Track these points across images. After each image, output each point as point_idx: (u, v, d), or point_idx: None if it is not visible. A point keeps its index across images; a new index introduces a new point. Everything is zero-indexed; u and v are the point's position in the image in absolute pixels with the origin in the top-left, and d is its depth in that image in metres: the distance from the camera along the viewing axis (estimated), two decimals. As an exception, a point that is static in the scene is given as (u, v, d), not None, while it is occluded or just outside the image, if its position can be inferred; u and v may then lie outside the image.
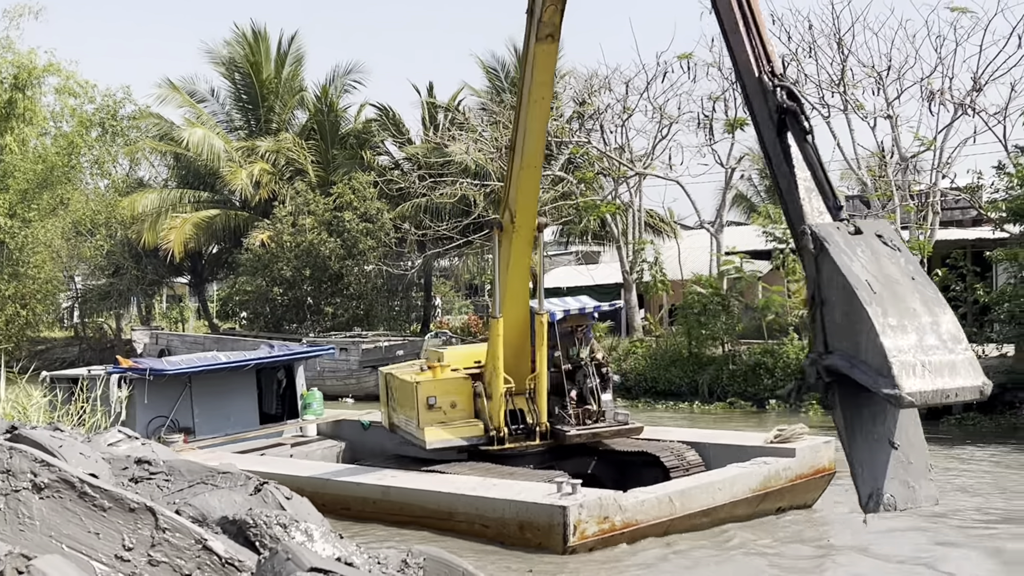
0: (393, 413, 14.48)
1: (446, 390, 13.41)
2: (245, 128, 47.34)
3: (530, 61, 12.06)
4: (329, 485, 13.35)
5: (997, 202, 26.57)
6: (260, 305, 41.75)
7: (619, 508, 11.38)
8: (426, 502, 12.40)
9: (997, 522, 13.28)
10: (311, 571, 4.19)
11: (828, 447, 13.67)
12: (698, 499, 12.17)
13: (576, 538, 10.96)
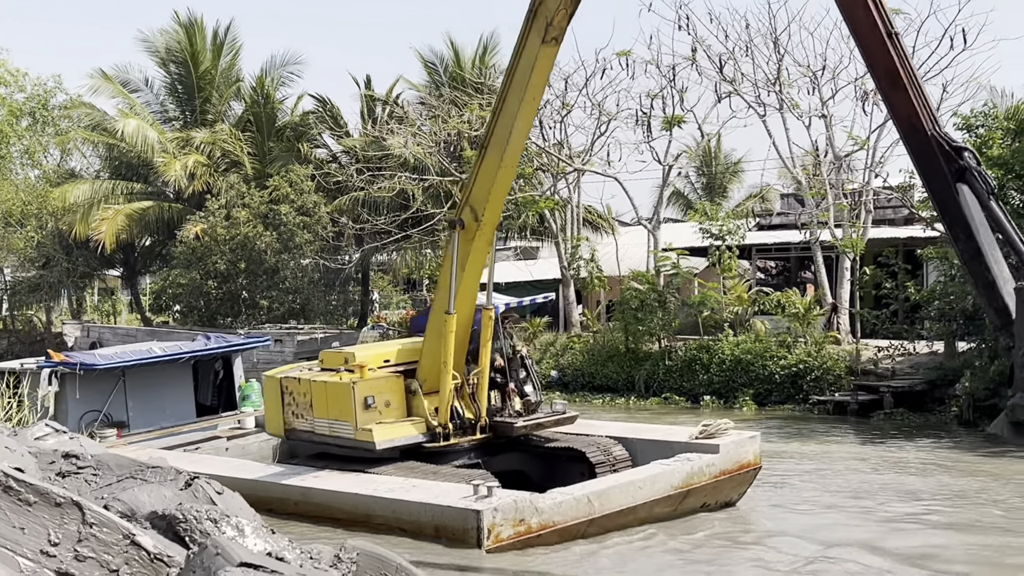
0: (298, 419, 13.88)
1: (380, 389, 13.27)
2: (180, 119, 46.71)
3: (529, 62, 11.96)
4: (251, 485, 13.20)
5: (928, 201, 26.99)
6: (194, 298, 41.24)
7: (535, 510, 11.33)
8: (344, 504, 12.33)
9: (922, 515, 13.51)
10: (241, 566, 4.13)
11: (753, 442, 13.67)
12: (617, 499, 12.13)
13: (491, 542, 10.93)
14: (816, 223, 32.34)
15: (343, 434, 13.21)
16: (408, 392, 13.41)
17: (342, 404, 13.20)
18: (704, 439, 13.41)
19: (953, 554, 11.24)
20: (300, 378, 13.98)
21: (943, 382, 25.57)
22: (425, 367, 13.50)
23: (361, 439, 13.01)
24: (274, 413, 14.47)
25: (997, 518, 13.13)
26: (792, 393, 27.62)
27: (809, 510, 13.50)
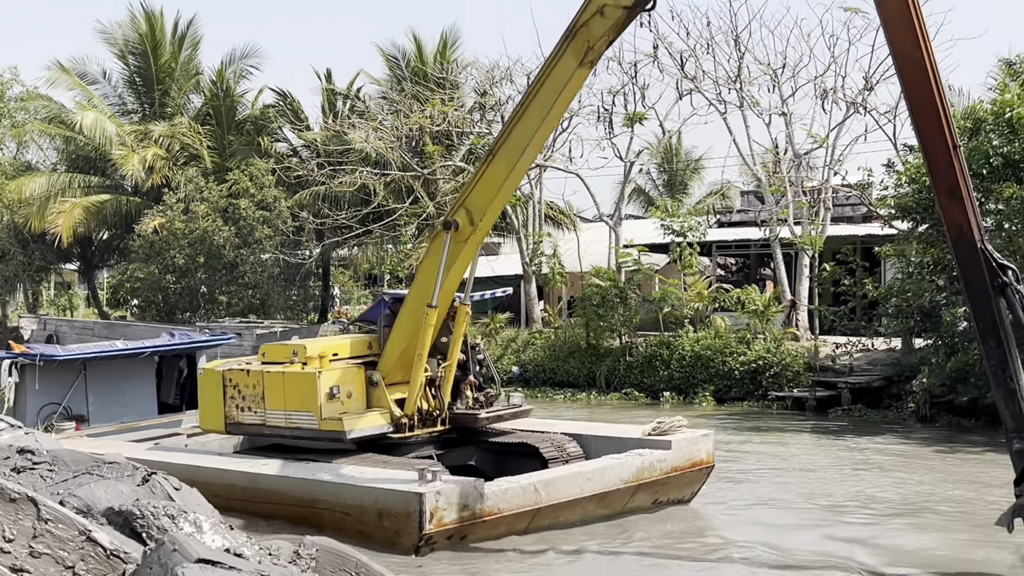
0: (244, 412, 13.67)
1: (343, 379, 13.22)
2: (139, 112, 46.25)
3: (561, 82, 11.91)
4: (199, 473, 13.11)
5: (886, 199, 27.30)
6: (152, 293, 40.88)
7: (480, 496, 11.31)
8: (291, 489, 12.27)
9: (877, 512, 13.64)
10: (198, 562, 4.10)
11: (707, 440, 13.67)
12: (565, 489, 12.09)
13: (433, 525, 10.89)
14: (776, 220, 32.57)
15: (304, 425, 13.10)
16: (369, 384, 13.36)
17: (304, 394, 13.09)
18: (657, 436, 13.41)
19: (910, 549, 11.36)
20: (249, 370, 13.82)
21: (900, 378, 25.84)
22: (389, 360, 13.46)
23: (327, 429, 12.93)
24: (212, 407, 14.15)
25: (950, 513, 13.29)
26: (751, 389, 27.81)
27: (765, 507, 13.58)
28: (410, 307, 13.32)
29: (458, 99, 37.14)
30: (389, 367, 13.45)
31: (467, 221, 12.63)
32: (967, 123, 23.96)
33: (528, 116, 12.26)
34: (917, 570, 10.36)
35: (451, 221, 12.71)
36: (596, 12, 11.37)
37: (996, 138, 22.49)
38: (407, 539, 11.05)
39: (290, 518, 12.07)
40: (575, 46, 11.68)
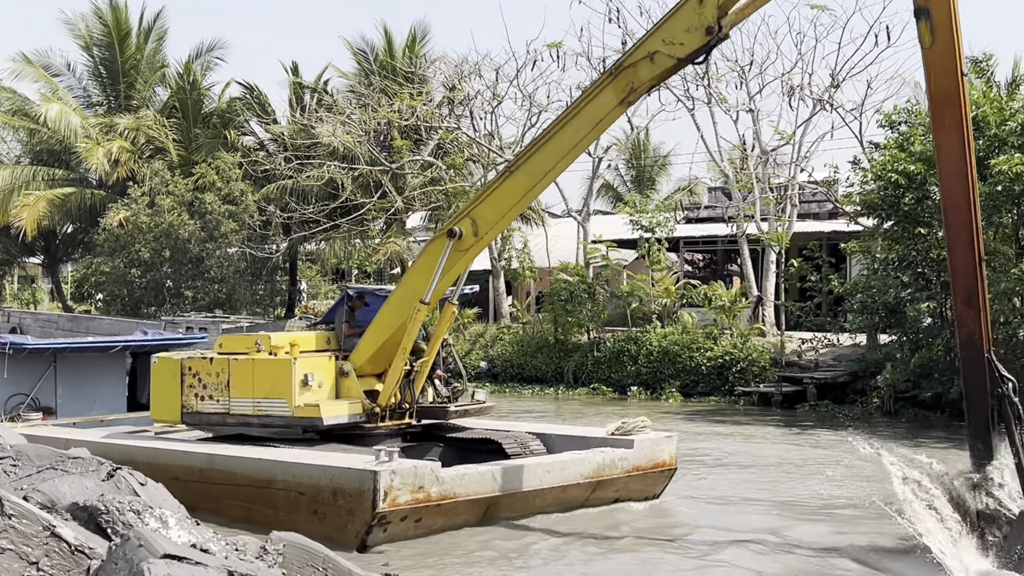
0: (204, 400, 13.59)
1: (316, 368, 13.21)
2: (104, 104, 45.83)
3: (597, 116, 11.98)
4: (158, 455, 13.08)
5: (852, 196, 27.51)
6: (117, 287, 40.55)
7: (436, 479, 11.32)
8: (248, 470, 12.27)
9: (840, 506, 13.72)
10: (164, 558, 4.06)
11: (669, 442, 13.70)
12: (523, 479, 12.12)
13: (387, 504, 10.88)
14: (742, 216, 32.74)
15: (275, 412, 13.05)
16: (339, 374, 13.35)
17: (277, 381, 13.04)
18: (620, 435, 13.45)
19: (868, 543, 11.44)
20: (212, 357, 13.75)
21: (865, 374, 26.05)
22: (363, 352, 13.45)
23: (301, 416, 12.90)
24: (167, 396, 13.99)
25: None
26: (718, 384, 27.94)
27: (728, 503, 13.62)
28: (395, 304, 13.30)
29: (427, 94, 37.06)
30: (362, 360, 13.44)
31: (471, 232, 12.60)
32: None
33: (556, 141, 12.30)
34: (870, 570, 10.44)
35: (455, 229, 12.62)
36: (646, 56, 11.45)
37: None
38: (360, 518, 11.02)
39: (245, 499, 12.06)
40: (618, 84, 11.72)
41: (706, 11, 10.99)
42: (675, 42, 11.27)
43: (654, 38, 11.54)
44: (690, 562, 10.71)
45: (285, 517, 11.53)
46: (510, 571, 10.41)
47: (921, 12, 10.28)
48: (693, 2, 11.11)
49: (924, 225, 23.19)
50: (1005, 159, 21.11)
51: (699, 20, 11.06)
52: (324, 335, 13.95)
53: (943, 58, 10.37)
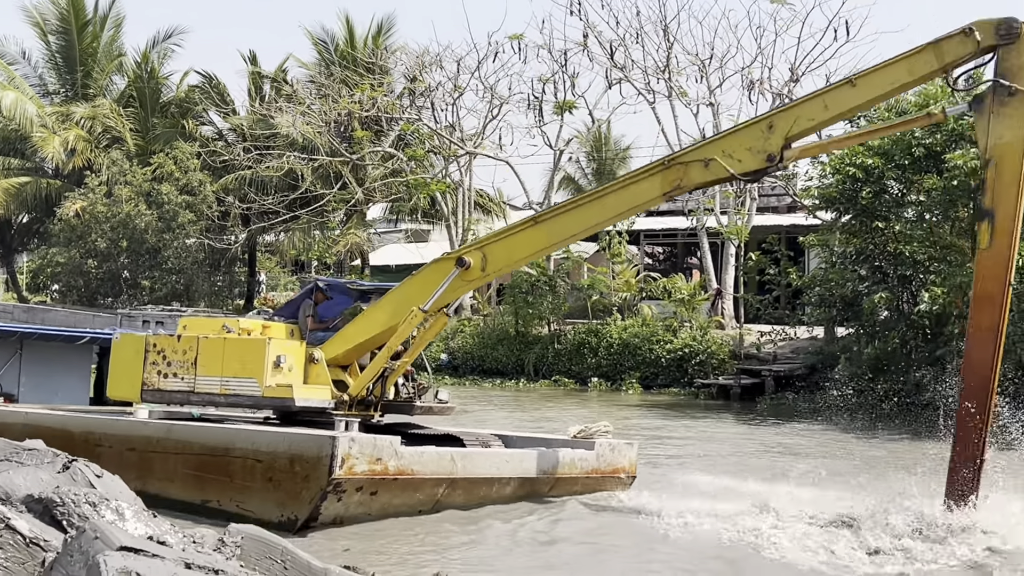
0: (167, 378, 13.51)
1: (288, 351, 13.18)
2: (60, 93, 45.29)
3: (639, 200, 12.22)
4: (115, 426, 12.98)
5: (810, 190, 27.73)
6: (73, 277, 40.11)
7: (395, 453, 11.27)
8: (206, 439, 12.16)
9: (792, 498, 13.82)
10: (121, 550, 4.02)
11: (630, 448, 13.78)
12: (482, 465, 12.13)
13: (343, 471, 10.82)
14: (702, 210, 32.91)
15: (244, 391, 12.99)
16: (309, 360, 13.33)
17: (249, 361, 12.96)
18: (582, 438, 13.55)
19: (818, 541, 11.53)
20: (181, 335, 13.68)
21: (822, 366, 26.29)
22: (340, 346, 13.45)
23: (273, 396, 12.84)
24: (126, 373, 13.80)
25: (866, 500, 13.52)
26: (677, 376, 28.08)
27: (682, 494, 13.67)
28: (386, 307, 13.26)
29: (387, 85, 36.93)
30: (336, 352, 13.43)
31: (479, 266, 12.60)
32: (891, 115, 24.38)
33: (588, 209, 12.40)
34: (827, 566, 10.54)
35: (465, 259, 12.60)
36: (701, 161, 11.44)
37: (918, 130, 22.92)
38: (315, 483, 10.95)
39: (200, 467, 11.99)
40: (666, 177, 11.74)
41: (773, 139, 11.10)
42: (734, 157, 11.31)
43: (714, 146, 11.56)
44: (645, 553, 10.74)
45: (240, 485, 11.50)
46: (469, 557, 10.40)
47: (986, 213, 10.43)
48: (762, 125, 11.23)
49: (881, 219, 23.41)
50: (961, 154, 21.35)
51: (763, 144, 11.15)
52: (288, 327, 13.91)
53: (995, 262, 10.41)
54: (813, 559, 10.19)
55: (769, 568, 9.89)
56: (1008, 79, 10.40)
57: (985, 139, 10.46)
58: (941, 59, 10.73)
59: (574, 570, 9.91)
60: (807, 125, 11.22)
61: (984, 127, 10.48)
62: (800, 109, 11.20)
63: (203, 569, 4.28)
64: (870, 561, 10.14)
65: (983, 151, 10.49)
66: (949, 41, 10.63)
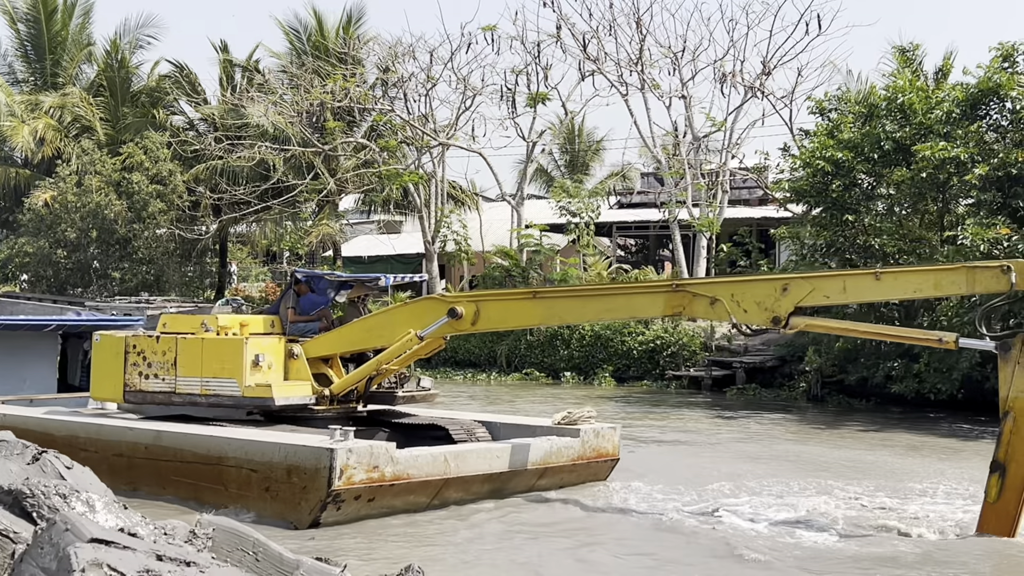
0: (148, 379, 13.43)
1: (267, 349, 13.14)
2: (29, 82, 44.84)
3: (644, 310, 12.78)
4: (101, 431, 12.92)
5: (781, 183, 27.88)
6: (43, 268, 39.76)
7: (391, 459, 11.34)
8: (197, 447, 12.13)
9: (763, 489, 13.94)
10: (92, 542, 4.01)
11: (613, 433, 13.90)
12: (474, 463, 12.22)
13: (342, 482, 10.88)
14: (675, 202, 33.01)
15: (224, 392, 12.95)
16: (289, 356, 13.30)
17: (227, 361, 12.92)
18: (566, 425, 13.64)
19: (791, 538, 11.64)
20: (159, 335, 13.59)
21: (792, 358, 26.46)
22: (323, 349, 13.46)
23: (252, 395, 12.80)
24: (109, 375, 13.75)
25: (837, 487, 13.65)
26: (649, 368, 28.19)
27: (670, 482, 13.75)
28: (372, 327, 13.34)
29: (360, 75, 36.80)
30: (318, 353, 13.43)
31: (471, 319, 12.64)
32: (862, 108, 24.54)
33: (588, 302, 12.56)
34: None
35: (458, 310, 12.59)
36: (709, 298, 11.37)
37: (889, 123, 23.09)
38: (314, 495, 10.99)
39: (194, 476, 11.95)
40: (671, 300, 11.74)
41: (784, 302, 10.96)
42: (740, 305, 11.23)
43: (725, 287, 11.45)
44: (634, 543, 10.80)
45: (236, 495, 11.49)
46: (446, 551, 10.44)
47: (997, 467, 9.92)
48: (778, 284, 11.11)
49: (851, 212, 23.57)
50: (929, 146, 21.52)
51: (773, 304, 11.02)
52: (269, 319, 13.88)
53: (1001, 519, 9.99)
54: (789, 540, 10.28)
55: (752, 563, 9.96)
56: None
57: (1007, 390, 9.82)
58: (972, 286, 10.35)
59: (559, 565, 9.96)
60: (821, 300, 11.13)
61: (1008, 376, 9.83)
62: (818, 283, 11.06)
63: (174, 561, 4.27)
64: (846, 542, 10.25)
65: (1003, 402, 9.84)
66: (984, 272, 10.14)
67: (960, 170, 21.52)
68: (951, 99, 22.61)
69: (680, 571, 9.86)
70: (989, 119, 22.64)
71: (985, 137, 22.22)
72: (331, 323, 13.96)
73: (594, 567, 9.91)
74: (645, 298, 12.28)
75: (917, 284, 10.87)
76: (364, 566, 9.07)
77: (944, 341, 10.56)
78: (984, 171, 21.03)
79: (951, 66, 29.97)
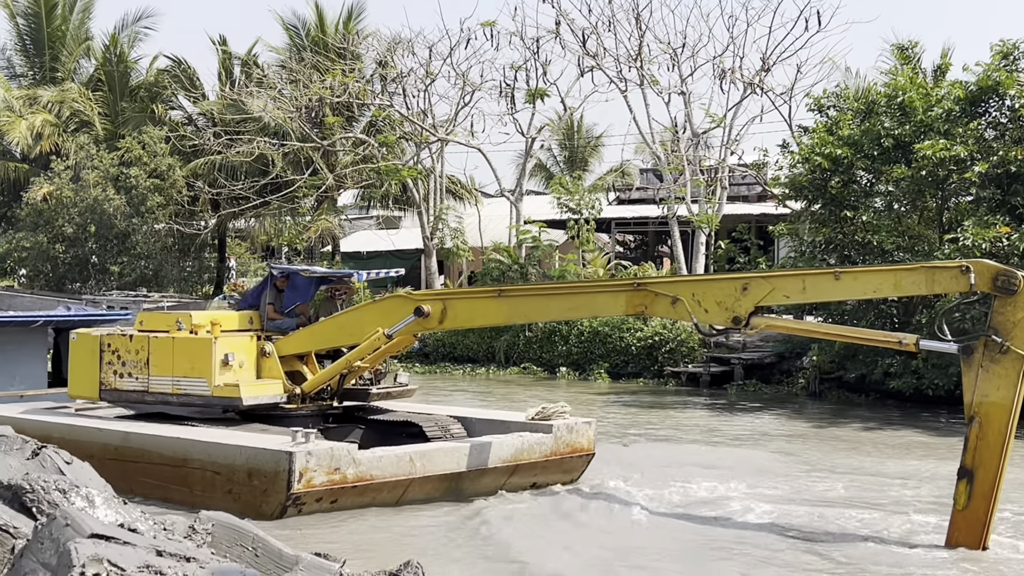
0: (123, 378, 13.46)
1: (237, 348, 13.12)
2: (28, 76, 44.78)
3: (602, 309, 13.19)
4: (72, 431, 12.97)
5: (780, 179, 27.86)
6: (41, 263, 39.72)
7: (353, 461, 11.34)
8: (163, 448, 12.22)
9: (761, 489, 13.94)
10: (92, 537, 4.01)
11: (588, 428, 13.78)
12: (441, 462, 12.14)
13: (301, 485, 10.91)
14: (673, 198, 33.00)
15: (194, 391, 12.97)
16: (261, 354, 13.29)
17: (197, 360, 12.95)
18: (540, 420, 13.56)
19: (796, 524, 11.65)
20: (132, 335, 13.63)
21: (791, 355, 26.47)
22: (295, 347, 13.44)
23: (221, 395, 12.81)
24: (85, 373, 13.86)
25: (839, 489, 13.66)
26: (647, 365, 28.18)
27: (647, 479, 13.74)
28: (343, 325, 13.28)
29: (359, 70, 36.78)
30: (291, 351, 13.41)
31: (438, 317, 12.59)
32: (860, 104, 24.52)
33: (551, 300, 12.60)
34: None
35: (424, 309, 12.51)
36: (671, 297, 11.29)
37: (888, 120, 23.06)
38: (274, 498, 11.04)
39: (160, 477, 12.02)
40: (633, 299, 11.68)
41: (744, 302, 10.88)
42: (701, 305, 11.14)
43: (687, 286, 11.40)
44: (620, 536, 10.81)
45: (200, 496, 11.51)
46: (442, 546, 10.44)
47: (965, 472, 9.84)
48: (738, 284, 11.00)
49: (850, 208, 23.57)
50: (929, 144, 21.51)
51: (733, 303, 10.93)
52: (247, 315, 13.87)
53: (970, 526, 9.91)
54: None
55: (725, 559, 9.97)
56: (1001, 334, 9.62)
57: (971, 395, 9.74)
58: (931, 286, 10.26)
59: (542, 559, 9.95)
60: (781, 300, 11.09)
61: (971, 381, 9.74)
62: (778, 282, 10.97)
63: (174, 556, 4.28)
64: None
65: (967, 407, 9.77)
66: (943, 272, 10.01)
67: (959, 167, 21.53)
68: (951, 97, 22.60)
69: (666, 565, 9.87)
70: (988, 116, 22.64)
71: (984, 135, 22.22)
72: (309, 320, 13.99)
73: (583, 559, 9.92)
74: (607, 297, 12.22)
75: (876, 284, 10.81)
76: (363, 563, 9.08)
77: (904, 343, 10.38)
78: (984, 169, 21.04)
79: (949, 63, 29.96)
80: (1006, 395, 9.63)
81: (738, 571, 9.61)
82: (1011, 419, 9.64)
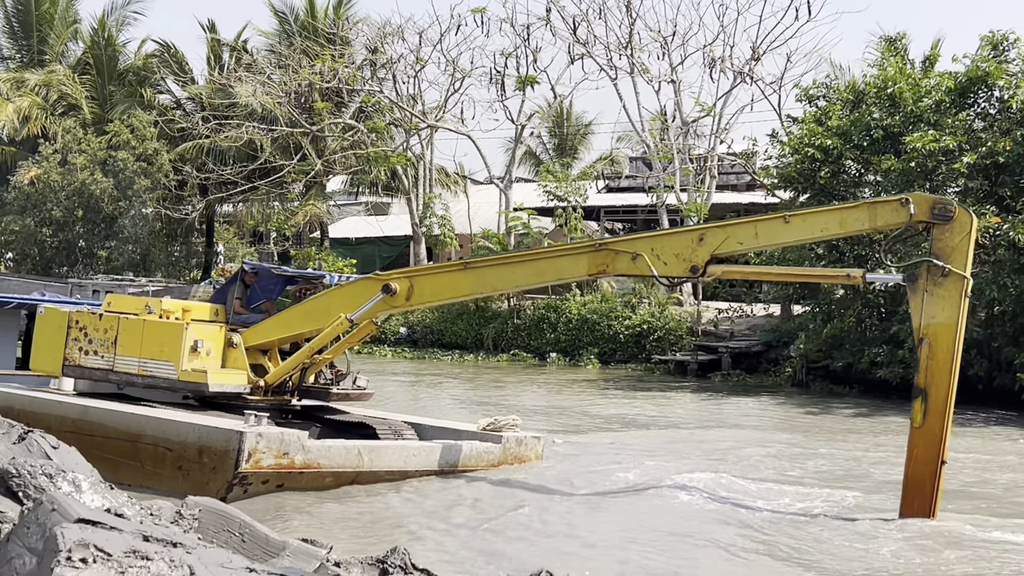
0: (88, 355, 13.56)
1: (207, 335, 13.21)
2: (15, 59, 44.55)
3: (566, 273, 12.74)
4: (33, 404, 13.02)
5: (769, 168, 27.90)
6: (28, 246, 39.60)
7: (302, 448, 11.51)
8: (119, 423, 12.33)
9: (741, 473, 13.99)
10: (78, 522, 4.00)
11: (536, 442, 14.03)
12: (388, 459, 12.34)
13: (249, 465, 11.07)
14: (662, 187, 33.02)
15: (160, 374, 13.07)
16: (228, 344, 13.38)
17: (166, 344, 13.03)
18: (491, 431, 13.73)
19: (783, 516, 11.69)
20: (102, 313, 13.69)
21: (778, 344, 26.56)
22: (261, 337, 13.49)
23: (187, 380, 12.90)
24: (50, 348, 13.89)
25: (817, 472, 13.72)
26: (635, 352, 28.25)
27: (615, 467, 13.78)
28: (310, 311, 13.32)
29: (349, 56, 36.67)
30: (256, 341, 13.48)
31: (405, 294, 12.64)
32: (849, 95, 24.56)
33: (516, 269, 12.64)
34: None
35: (391, 286, 12.56)
36: (631, 254, 11.51)
37: (877, 111, 23.10)
38: (221, 476, 11.19)
39: (114, 451, 12.08)
40: (594, 260, 11.84)
41: (700, 251, 11.16)
42: (660, 258, 11.41)
43: (645, 242, 11.63)
44: (593, 522, 10.82)
45: (150, 471, 11.68)
46: (424, 531, 10.45)
47: (919, 392, 10.34)
48: (694, 236, 11.28)
49: (839, 198, 23.62)
50: (919, 136, 21.56)
51: (690, 254, 11.23)
52: (214, 307, 13.99)
53: (928, 441, 10.29)
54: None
55: (721, 552, 9.99)
56: (941, 259, 10.25)
57: (919, 318, 10.35)
58: (873, 221, 10.74)
59: (527, 552, 9.97)
60: (735, 247, 11.28)
61: (918, 305, 10.37)
62: (732, 230, 11.21)
63: (161, 541, 4.27)
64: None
65: (916, 330, 10.38)
66: (884, 207, 10.60)
67: (948, 158, 21.58)
68: (941, 88, 22.64)
69: (642, 545, 9.88)
70: (977, 107, 22.69)
71: (973, 125, 22.27)
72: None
73: (561, 550, 9.94)
74: (570, 259, 12.26)
75: (824, 223, 11.10)
76: (350, 548, 9.09)
77: (852, 276, 11.12)
78: (972, 159, 21.10)
79: (938, 54, 30.00)
80: (951, 315, 10.24)
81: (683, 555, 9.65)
82: (957, 337, 10.22)
